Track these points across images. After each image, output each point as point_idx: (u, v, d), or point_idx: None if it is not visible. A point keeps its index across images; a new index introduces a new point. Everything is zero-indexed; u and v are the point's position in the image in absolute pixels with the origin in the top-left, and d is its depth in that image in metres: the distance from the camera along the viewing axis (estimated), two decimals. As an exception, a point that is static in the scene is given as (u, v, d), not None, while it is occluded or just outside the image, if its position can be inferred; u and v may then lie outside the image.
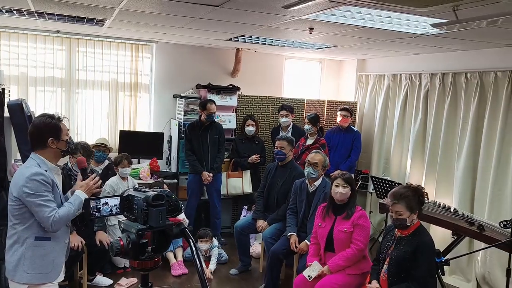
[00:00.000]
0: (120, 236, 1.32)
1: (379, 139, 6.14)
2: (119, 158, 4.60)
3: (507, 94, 4.39)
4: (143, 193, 1.37)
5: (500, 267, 4.29)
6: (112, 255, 1.36)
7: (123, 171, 4.55)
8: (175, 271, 4.65)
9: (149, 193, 1.35)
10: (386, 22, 3.61)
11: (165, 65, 6.07)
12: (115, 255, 1.33)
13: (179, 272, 4.65)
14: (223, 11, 3.53)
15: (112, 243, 1.31)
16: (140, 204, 1.32)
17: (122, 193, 1.43)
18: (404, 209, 2.96)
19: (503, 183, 4.41)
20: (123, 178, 4.58)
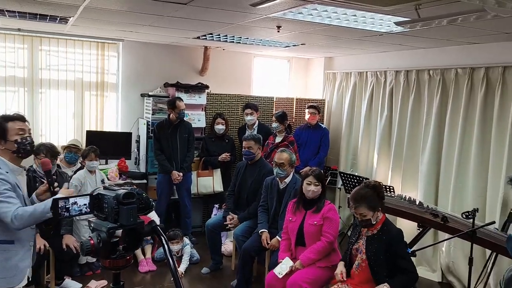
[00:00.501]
0: (90, 235, 1.31)
1: (347, 136, 6.26)
2: (86, 151, 4.52)
3: (467, 90, 4.57)
4: (113, 191, 1.36)
5: (463, 256, 4.46)
6: (83, 255, 1.35)
7: (90, 165, 4.46)
8: (142, 267, 4.62)
9: (120, 191, 1.34)
10: (351, 21, 3.69)
11: (132, 63, 5.98)
12: (86, 254, 1.31)
13: (146, 268, 4.63)
14: (190, 9, 3.52)
15: (82, 242, 1.29)
16: (110, 202, 1.30)
17: (92, 192, 1.41)
18: (367, 210, 3.03)
19: (465, 176, 4.58)
20: (90, 171, 4.49)
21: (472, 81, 4.55)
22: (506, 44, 4.25)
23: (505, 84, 4.24)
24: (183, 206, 5.46)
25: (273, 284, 3.56)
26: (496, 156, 4.29)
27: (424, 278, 4.90)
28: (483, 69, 4.42)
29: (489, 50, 4.42)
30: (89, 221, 1.39)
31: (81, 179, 4.39)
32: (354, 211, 3.09)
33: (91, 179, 4.46)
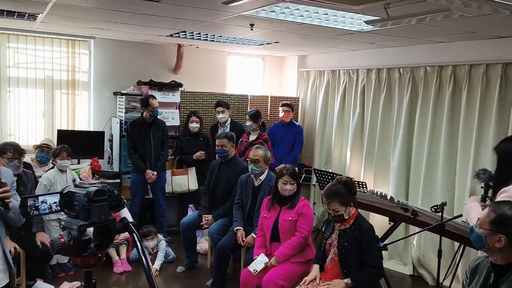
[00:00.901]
0: (61, 234, 1.30)
1: (321, 133, 6.34)
2: (58, 150, 4.41)
3: (436, 88, 4.70)
4: (84, 189, 1.35)
5: (433, 249, 4.58)
6: (53, 253, 1.33)
7: (61, 164, 4.36)
8: (117, 268, 4.57)
9: (91, 189, 1.33)
10: (323, 19, 3.74)
11: (104, 61, 5.89)
12: (56, 252, 1.30)
13: (121, 269, 4.58)
14: (163, 6, 3.50)
15: (53, 241, 1.28)
16: (81, 200, 1.29)
17: (62, 190, 1.40)
18: (339, 206, 3.08)
19: (434, 171, 4.72)
20: (61, 171, 4.40)
21: (440, 79, 4.68)
22: (472, 43, 4.40)
23: (471, 81, 4.38)
24: (158, 205, 5.42)
25: (248, 281, 3.58)
26: (463, 151, 4.43)
27: (396, 271, 5.02)
28: (450, 67, 4.55)
29: (456, 48, 4.56)
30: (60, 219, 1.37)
31: (51, 178, 4.30)
32: (327, 207, 3.15)
33: (61, 179, 4.37)
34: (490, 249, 2.08)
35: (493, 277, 2.11)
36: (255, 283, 3.54)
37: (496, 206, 2.11)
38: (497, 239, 2.02)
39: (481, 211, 2.63)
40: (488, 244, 2.05)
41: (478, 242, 2.11)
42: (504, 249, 2.03)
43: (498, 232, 2.02)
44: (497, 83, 4.14)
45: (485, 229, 2.06)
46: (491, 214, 2.06)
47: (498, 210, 2.06)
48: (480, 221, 2.10)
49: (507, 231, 2.00)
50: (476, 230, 2.10)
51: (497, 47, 4.20)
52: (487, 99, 4.25)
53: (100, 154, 5.61)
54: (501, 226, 2.02)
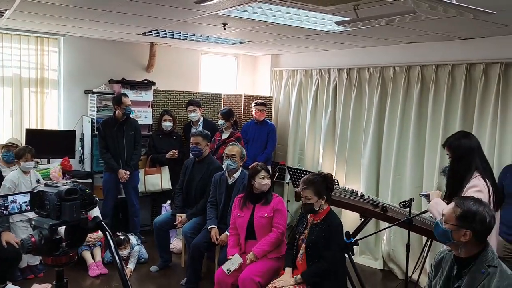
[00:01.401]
0: (31, 233, 1.29)
1: (294, 132, 6.42)
2: (21, 151, 4.30)
3: (404, 87, 4.83)
4: (55, 188, 1.34)
5: (402, 244, 4.70)
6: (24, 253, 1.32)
7: (25, 165, 4.27)
8: (92, 271, 4.51)
9: (62, 188, 1.32)
10: (295, 19, 3.80)
11: (74, 59, 5.79)
12: (27, 252, 1.29)
13: (97, 272, 4.52)
14: (135, 4, 3.48)
15: (23, 240, 1.27)
16: (52, 199, 1.29)
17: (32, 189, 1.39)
18: (312, 194, 3.18)
19: (403, 168, 4.85)
20: (25, 172, 4.31)
21: (408, 78, 4.81)
22: (438, 44, 4.54)
23: (437, 81, 4.53)
24: (131, 205, 5.37)
25: (223, 280, 3.60)
26: (431, 148, 4.57)
27: (367, 266, 5.14)
28: (418, 67, 4.69)
29: (423, 49, 4.70)
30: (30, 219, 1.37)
31: (14, 180, 4.20)
32: (301, 193, 3.24)
33: (25, 180, 4.28)
34: (455, 243, 2.15)
35: (456, 269, 2.20)
36: (230, 282, 3.57)
37: (461, 202, 2.17)
38: (462, 233, 2.09)
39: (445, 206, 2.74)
40: (454, 239, 2.12)
41: (443, 237, 2.17)
42: (468, 243, 2.11)
43: (463, 227, 2.09)
44: (462, 83, 4.30)
45: (451, 225, 2.13)
46: (457, 209, 2.13)
47: (464, 206, 2.13)
48: (445, 217, 2.17)
49: (472, 226, 2.08)
50: (442, 226, 2.17)
51: (462, 48, 4.35)
52: (452, 98, 4.41)
53: (71, 154, 5.52)
54: (467, 221, 2.09)
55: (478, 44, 4.23)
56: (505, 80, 4.00)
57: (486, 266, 2.08)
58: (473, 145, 2.99)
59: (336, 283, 3.19)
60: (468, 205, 2.14)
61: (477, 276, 2.09)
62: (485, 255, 2.12)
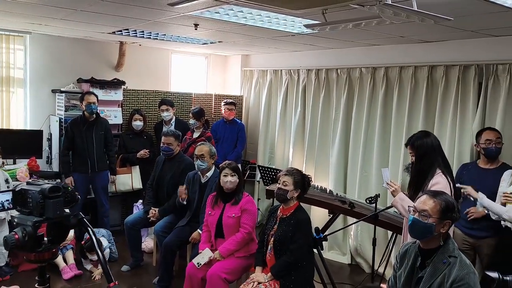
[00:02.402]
0: (14, 230, 1.31)
1: (264, 131, 6.51)
2: None
3: (370, 88, 5.01)
4: (38, 186, 1.38)
5: (369, 239, 4.87)
6: (7, 250, 1.35)
7: None
8: (66, 274, 4.42)
9: (45, 186, 1.36)
10: (266, 21, 3.89)
11: (41, 58, 5.68)
12: (11, 249, 1.32)
13: (71, 274, 4.44)
14: (106, 4, 3.47)
15: (6, 237, 1.30)
16: (35, 197, 1.32)
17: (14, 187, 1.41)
18: (290, 182, 3.31)
19: (369, 166, 5.03)
20: None
21: (374, 79, 4.99)
22: (402, 46, 4.74)
23: (401, 82, 4.73)
24: (100, 205, 5.32)
25: (193, 274, 3.65)
26: (395, 147, 4.77)
27: (335, 261, 5.30)
28: (383, 68, 4.87)
29: (388, 51, 4.89)
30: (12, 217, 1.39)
31: None
32: (280, 179, 3.37)
33: None
34: (434, 236, 2.26)
35: (420, 260, 2.35)
36: (199, 276, 3.63)
37: (439, 195, 2.32)
38: (443, 225, 2.25)
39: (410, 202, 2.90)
40: (435, 232, 2.25)
41: (426, 232, 2.26)
42: (445, 233, 2.27)
43: (445, 218, 2.25)
44: (424, 84, 4.50)
45: (436, 218, 2.25)
46: (441, 203, 2.26)
47: (444, 199, 2.29)
48: (428, 211, 2.26)
49: (452, 216, 2.27)
50: (425, 221, 2.25)
51: (424, 51, 4.56)
52: (415, 98, 4.61)
53: (38, 154, 5.42)
54: (449, 213, 2.26)
55: (439, 47, 4.45)
56: (463, 82, 4.22)
57: (447, 256, 2.24)
58: (434, 143, 3.16)
59: (303, 275, 3.29)
60: (447, 198, 2.31)
61: (439, 266, 2.24)
62: (446, 247, 2.28)
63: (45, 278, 1.40)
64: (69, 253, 4.65)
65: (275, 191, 3.41)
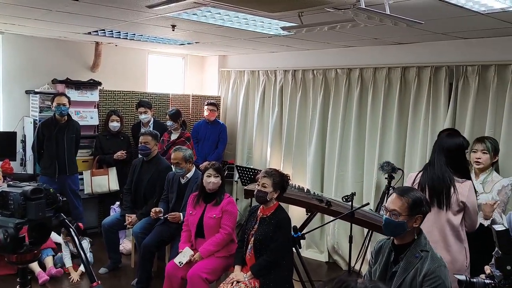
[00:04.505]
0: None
1: (242, 131, 6.55)
2: None
3: (346, 88, 5.11)
4: (20, 188, 1.38)
5: (346, 236, 4.96)
6: (-11, 251, 1.35)
7: None
8: (40, 279, 4.34)
9: (26, 188, 1.37)
10: (243, 23, 3.93)
11: (14, 58, 5.57)
12: (-8, 251, 1.33)
13: (45, 277, 4.36)
14: (82, 5, 3.45)
15: (-12, 239, 1.30)
16: (17, 199, 1.33)
17: (-5, 190, 1.41)
18: (269, 184, 3.36)
19: (345, 165, 5.14)
20: None
21: (349, 80, 5.10)
22: (376, 48, 4.86)
23: (375, 83, 4.84)
24: (74, 208, 5.19)
25: (173, 273, 3.67)
26: (370, 146, 4.88)
27: (313, 259, 5.38)
28: (358, 69, 4.98)
29: (363, 53, 5.00)
30: (-7, 220, 1.39)
31: None
32: (259, 181, 3.41)
33: None
34: (408, 232, 2.34)
35: (394, 255, 2.43)
36: (179, 275, 3.65)
37: (407, 194, 2.38)
38: (415, 220, 2.34)
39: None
40: (408, 228, 2.33)
41: (399, 230, 2.34)
42: (418, 227, 2.36)
43: (415, 214, 2.33)
44: (398, 85, 4.63)
45: (405, 215, 2.33)
46: (408, 200, 2.34)
47: (411, 196, 2.36)
48: (397, 211, 2.34)
49: (422, 210, 2.35)
50: (396, 220, 2.33)
51: (397, 52, 4.69)
52: (389, 99, 4.73)
53: (11, 156, 5.31)
54: (418, 208, 2.34)
55: (411, 49, 4.58)
56: (435, 82, 4.36)
57: (420, 251, 2.33)
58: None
59: (282, 274, 3.34)
60: (414, 194, 2.39)
61: (412, 260, 2.32)
62: (418, 242, 2.37)
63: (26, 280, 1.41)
64: (49, 259, 4.57)
65: (254, 193, 3.45)
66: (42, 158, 5.10)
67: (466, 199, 2.92)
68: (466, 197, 2.92)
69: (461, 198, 2.91)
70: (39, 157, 5.11)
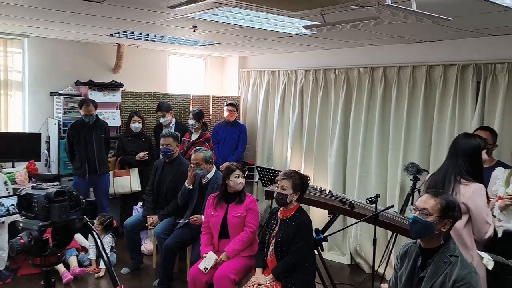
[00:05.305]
0: (20, 235, 1.31)
1: (262, 131, 6.52)
2: None
3: (368, 88, 5.02)
4: (43, 190, 1.38)
5: (369, 239, 4.89)
6: (13, 254, 1.35)
7: None
8: (66, 279, 4.38)
9: (50, 190, 1.36)
10: (264, 23, 3.89)
11: (39, 61, 5.67)
12: (16, 253, 1.32)
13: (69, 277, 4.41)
14: (104, 7, 3.47)
15: (12, 242, 1.30)
16: (41, 201, 1.32)
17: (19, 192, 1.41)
18: (289, 186, 3.31)
19: (368, 166, 5.04)
20: None
21: (372, 79, 5.00)
22: (400, 46, 4.76)
23: (400, 82, 4.74)
24: (101, 208, 5.32)
25: (198, 278, 3.63)
26: (394, 146, 4.78)
27: (335, 261, 5.30)
28: (381, 68, 4.88)
29: (386, 51, 4.90)
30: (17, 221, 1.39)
31: None
32: (278, 183, 3.36)
33: None
34: (435, 235, 2.27)
35: (421, 260, 2.35)
36: (204, 280, 3.61)
37: (441, 196, 2.32)
38: (443, 224, 2.26)
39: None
40: (436, 231, 2.26)
41: (426, 230, 2.27)
42: (446, 232, 2.28)
43: (446, 217, 2.26)
44: (423, 84, 4.52)
45: (436, 217, 2.26)
46: (441, 202, 2.28)
47: (445, 198, 2.30)
48: (428, 210, 2.27)
49: (453, 215, 2.28)
50: (425, 220, 2.26)
51: (422, 50, 4.58)
52: (414, 98, 4.62)
53: (36, 157, 5.41)
54: (450, 211, 2.27)
55: (437, 47, 4.46)
56: (462, 81, 4.24)
57: (449, 256, 2.25)
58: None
59: (304, 277, 3.30)
60: (447, 197, 2.32)
61: (441, 265, 2.24)
62: (447, 246, 2.29)
63: (50, 283, 1.40)
64: (73, 258, 4.62)
65: (274, 195, 3.41)
66: (74, 159, 5.19)
67: (467, 201, 2.78)
68: (467, 199, 2.78)
69: (462, 199, 2.77)
70: (72, 158, 5.20)
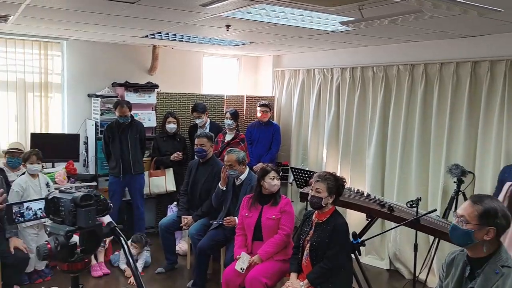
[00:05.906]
0: (47, 240, 1.29)
1: (297, 132, 6.41)
2: (27, 154, 4.29)
3: (408, 86, 4.82)
4: (70, 194, 1.34)
5: (409, 243, 4.70)
6: (40, 260, 1.32)
7: (31, 168, 4.25)
8: (95, 272, 4.49)
9: (77, 194, 1.32)
10: (298, 20, 3.79)
11: (77, 63, 5.79)
12: (43, 259, 1.29)
13: (100, 273, 4.50)
14: (138, 8, 3.48)
15: (39, 247, 1.27)
16: (67, 205, 1.29)
17: (47, 196, 1.39)
18: (323, 188, 3.19)
19: (408, 167, 4.84)
20: (32, 175, 4.28)
21: (412, 77, 4.80)
22: (442, 42, 4.53)
23: (442, 79, 4.52)
24: (136, 207, 5.38)
25: (232, 280, 3.58)
26: (436, 147, 4.56)
27: (373, 266, 5.13)
28: (422, 65, 4.67)
29: (427, 47, 4.68)
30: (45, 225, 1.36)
31: (22, 184, 4.18)
32: (312, 186, 3.25)
33: (34, 184, 4.26)
34: (476, 244, 2.09)
35: (469, 270, 2.18)
36: (238, 282, 3.56)
37: (479, 199, 2.12)
38: (486, 232, 2.06)
39: None
40: (476, 239, 2.07)
41: (465, 238, 2.11)
42: (491, 241, 2.08)
43: (487, 225, 2.06)
44: (467, 81, 4.28)
45: (474, 224, 2.08)
46: (479, 208, 2.08)
47: (484, 204, 2.09)
48: (465, 217, 2.10)
49: (496, 222, 2.05)
50: (463, 227, 2.10)
51: (467, 46, 4.34)
52: (457, 96, 4.39)
53: (75, 157, 5.53)
54: (490, 219, 2.06)
55: (483, 42, 4.21)
56: (510, 77, 3.98)
57: (500, 266, 2.06)
58: None
59: (341, 282, 3.19)
60: (489, 203, 2.10)
61: (491, 276, 2.06)
62: (498, 256, 2.10)
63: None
64: (100, 252, 4.70)
65: (308, 198, 3.31)
66: (110, 159, 5.28)
67: None
68: None
69: None
70: (108, 158, 5.29)
